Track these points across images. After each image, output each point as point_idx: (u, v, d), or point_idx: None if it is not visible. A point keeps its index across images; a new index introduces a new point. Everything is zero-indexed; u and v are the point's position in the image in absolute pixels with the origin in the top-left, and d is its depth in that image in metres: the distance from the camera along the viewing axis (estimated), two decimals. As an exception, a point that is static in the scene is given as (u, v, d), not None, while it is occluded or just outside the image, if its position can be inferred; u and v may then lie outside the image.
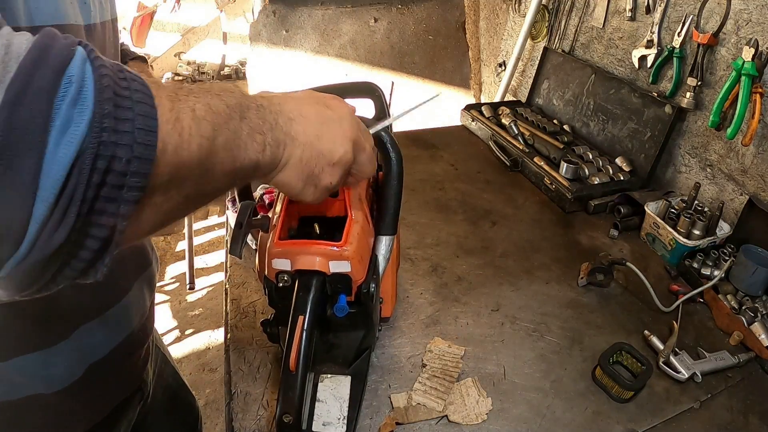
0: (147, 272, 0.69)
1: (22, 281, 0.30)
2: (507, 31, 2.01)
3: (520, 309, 0.91)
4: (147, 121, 0.30)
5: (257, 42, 2.17)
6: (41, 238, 0.27)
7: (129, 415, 0.71)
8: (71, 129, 0.27)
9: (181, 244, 2.55)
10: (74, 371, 0.57)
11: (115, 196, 0.29)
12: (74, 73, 0.28)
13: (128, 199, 0.30)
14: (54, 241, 0.28)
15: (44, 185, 0.26)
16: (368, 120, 0.60)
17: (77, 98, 0.27)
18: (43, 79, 0.27)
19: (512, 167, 1.38)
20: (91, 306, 0.58)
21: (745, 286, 0.95)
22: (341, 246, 0.58)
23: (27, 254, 0.28)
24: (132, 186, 0.29)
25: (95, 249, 0.30)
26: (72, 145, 0.27)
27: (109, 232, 0.30)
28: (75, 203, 0.28)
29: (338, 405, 0.66)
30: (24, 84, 0.26)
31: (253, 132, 0.39)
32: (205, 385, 1.93)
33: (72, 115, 0.27)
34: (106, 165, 0.28)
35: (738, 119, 1.00)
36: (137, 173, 0.29)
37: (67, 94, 0.27)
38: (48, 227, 0.27)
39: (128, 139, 0.29)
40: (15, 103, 0.25)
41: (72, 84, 0.27)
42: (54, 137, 0.26)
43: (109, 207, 0.29)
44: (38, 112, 0.26)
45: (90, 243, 0.30)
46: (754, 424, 0.73)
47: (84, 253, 0.30)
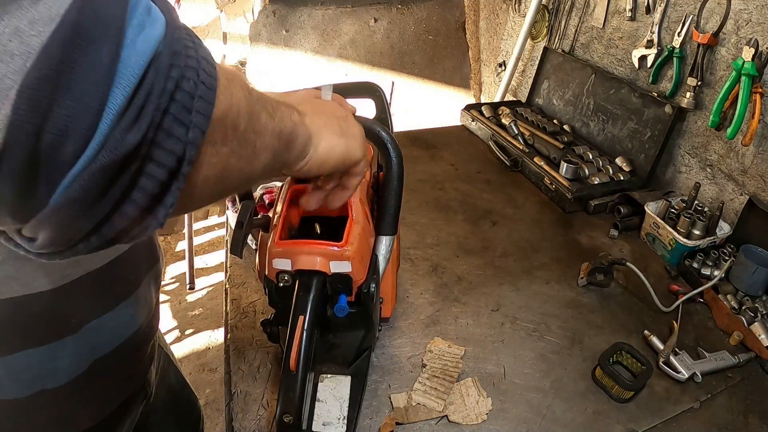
0: (155, 268, 0.69)
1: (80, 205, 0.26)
2: (507, 31, 2.01)
3: (520, 309, 0.91)
4: (207, 55, 0.30)
5: (257, 42, 2.18)
6: (114, 134, 0.25)
7: (132, 414, 0.71)
8: (147, 30, 0.26)
9: (181, 244, 2.55)
10: (79, 366, 0.57)
11: (184, 118, 0.28)
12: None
13: (197, 124, 0.29)
14: (127, 141, 0.26)
15: (122, 73, 0.25)
16: (368, 121, 0.60)
17: (149, 10, 0.27)
18: None
19: (512, 167, 1.38)
20: (103, 300, 0.58)
21: (745, 286, 0.95)
22: (342, 246, 0.58)
23: (96, 154, 0.25)
24: (200, 111, 0.29)
25: (160, 179, 0.28)
26: (150, 42, 0.26)
27: (175, 162, 0.28)
28: (152, 102, 0.26)
29: (338, 405, 0.66)
30: None
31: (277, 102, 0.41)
32: (205, 385, 1.94)
33: (145, 21, 0.27)
34: (178, 77, 0.27)
35: (738, 119, 1.00)
36: (204, 99, 0.29)
37: (140, 2, 0.27)
38: (123, 122, 0.25)
39: (195, 63, 0.29)
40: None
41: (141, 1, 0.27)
42: (131, 31, 0.26)
43: (177, 130, 0.28)
44: (117, 4, 0.25)
45: (155, 171, 0.28)
46: (754, 424, 0.73)
47: (147, 182, 0.28)
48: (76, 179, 0.25)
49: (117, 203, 0.28)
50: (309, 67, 2.27)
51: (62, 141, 0.24)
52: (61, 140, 0.24)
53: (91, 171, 0.25)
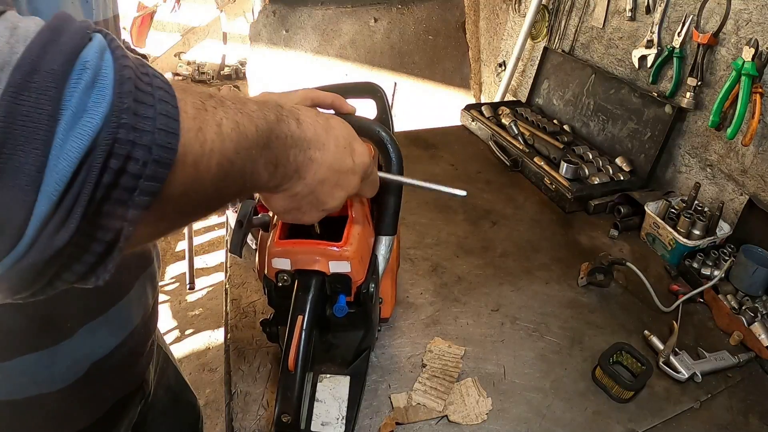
0: (149, 270, 0.69)
1: (18, 283, 0.27)
2: (507, 31, 2.01)
3: (520, 309, 0.91)
4: (169, 123, 0.28)
5: (257, 42, 2.18)
6: (41, 239, 0.25)
7: (130, 414, 0.71)
8: (83, 120, 0.25)
9: (181, 244, 2.55)
10: (77, 370, 0.57)
11: (126, 199, 0.27)
12: (90, 59, 0.25)
13: (139, 203, 0.27)
14: (55, 243, 0.26)
15: (48, 181, 0.24)
16: (370, 123, 0.60)
17: (92, 86, 0.25)
18: (53, 62, 0.24)
19: (512, 167, 1.37)
20: (95, 305, 0.58)
21: (745, 286, 0.95)
22: (341, 246, 0.58)
23: (24, 254, 0.25)
24: (145, 190, 0.27)
25: (99, 253, 0.28)
26: (83, 139, 0.25)
27: (114, 236, 0.28)
28: (81, 204, 0.25)
29: (337, 405, 0.66)
30: (32, 67, 0.23)
31: (268, 164, 0.38)
32: (205, 385, 1.93)
33: (86, 105, 0.25)
34: (120, 165, 0.26)
35: (738, 119, 1.00)
36: (153, 177, 0.27)
37: (81, 81, 0.25)
38: (49, 227, 0.25)
39: (148, 140, 0.26)
40: (21, 88, 0.23)
41: (87, 70, 0.25)
42: (63, 128, 0.24)
43: (117, 210, 0.27)
44: (47, 98, 0.24)
45: (94, 247, 0.28)
46: (754, 424, 0.73)
47: (87, 257, 0.28)
48: (9, 269, 0.26)
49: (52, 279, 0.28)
50: (309, 67, 2.27)
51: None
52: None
53: (21, 266, 0.26)
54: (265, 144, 0.37)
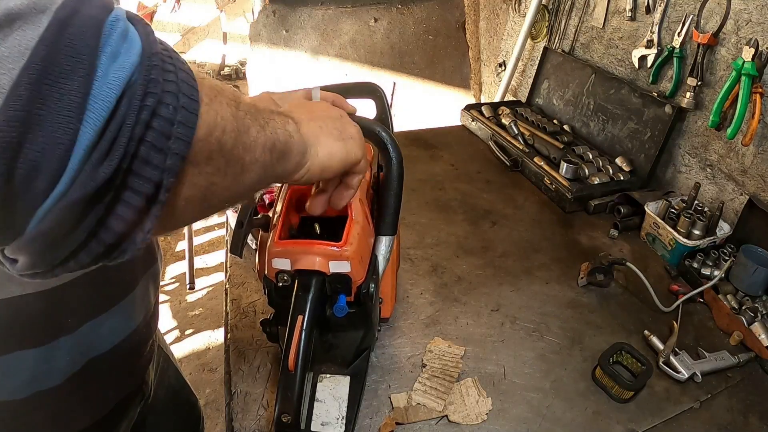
0: (153, 269, 0.69)
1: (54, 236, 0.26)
2: (507, 31, 2.01)
3: (520, 309, 0.91)
4: (188, 76, 0.29)
5: (257, 42, 2.18)
6: (85, 170, 0.25)
7: (129, 415, 0.71)
8: (121, 58, 0.26)
9: (181, 244, 2.55)
10: (73, 365, 0.57)
11: (162, 145, 0.27)
12: (119, 15, 0.27)
13: (176, 150, 0.28)
14: (99, 176, 0.25)
15: (93, 107, 0.25)
16: (368, 121, 0.60)
17: (125, 35, 0.26)
18: (91, 9, 0.25)
19: (512, 167, 1.38)
20: (98, 301, 0.58)
21: (745, 286, 0.95)
22: (341, 246, 0.58)
23: (67, 189, 0.25)
24: (179, 136, 0.28)
25: (137, 206, 0.28)
26: (123, 71, 0.26)
27: (153, 188, 0.28)
28: (124, 134, 0.26)
29: (337, 405, 0.66)
30: (73, 9, 0.25)
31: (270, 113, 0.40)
32: (205, 385, 1.94)
33: (120, 48, 0.26)
34: (155, 105, 0.27)
35: (738, 119, 1.00)
36: (184, 123, 0.28)
37: (116, 28, 0.26)
38: (93, 157, 0.25)
39: (174, 88, 0.28)
40: (64, 23, 0.24)
41: (119, 20, 0.27)
42: (104, 62, 0.25)
43: (155, 157, 0.27)
44: (89, 34, 0.25)
45: (132, 198, 0.27)
46: (754, 424, 0.73)
47: (124, 209, 0.27)
48: (48, 212, 0.25)
49: (92, 232, 0.28)
50: (309, 67, 2.27)
51: (33, 177, 0.24)
52: (32, 176, 0.24)
53: (62, 205, 0.25)
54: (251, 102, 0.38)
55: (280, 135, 0.40)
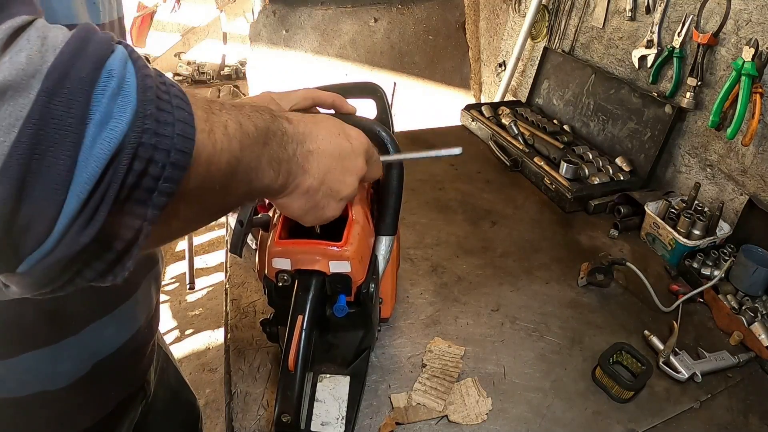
0: (155, 270, 0.69)
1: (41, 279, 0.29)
2: (507, 31, 2.01)
3: (520, 309, 0.91)
4: (186, 129, 0.29)
5: (257, 42, 2.17)
6: (69, 235, 0.27)
7: (131, 414, 0.71)
8: (111, 124, 0.26)
9: (181, 244, 2.55)
10: (80, 368, 0.57)
11: (146, 199, 0.29)
12: (115, 68, 0.27)
13: (157, 204, 0.29)
14: (81, 240, 0.27)
15: (78, 180, 0.26)
16: (370, 123, 0.60)
17: (118, 93, 0.27)
18: (82, 70, 0.26)
19: (512, 167, 1.38)
20: (102, 303, 0.58)
21: (745, 286, 0.95)
22: (341, 246, 0.58)
23: (52, 250, 0.27)
24: (163, 191, 0.29)
25: (119, 251, 0.30)
26: (111, 142, 0.26)
27: (134, 235, 0.29)
28: (107, 203, 0.27)
29: (337, 405, 0.66)
30: (62, 74, 0.25)
31: (271, 160, 0.40)
32: (205, 385, 1.93)
33: (112, 110, 0.26)
34: (143, 168, 0.28)
35: (738, 119, 1.00)
36: (170, 179, 0.29)
37: (108, 88, 0.26)
38: (77, 225, 0.27)
39: (167, 144, 0.28)
40: (53, 93, 0.24)
41: (113, 78, 0.27)
42: (92, 131, 0.26)
43: (138, 210, 0.29)
44: (77, 103, 0.25)
45: (115, 245, 0.29)
46: (754, 424, 0.73)
47: (108, 255, 0.30)
48: (36, 264, 0.27)
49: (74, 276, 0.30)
50: (309, 67, 2.27)
51: (24, 235, 0.26)
52: (24, 234, 0.26)
53: (47, 262, 0.27)
54: (265, 141, 0.39)
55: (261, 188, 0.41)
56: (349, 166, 0.49)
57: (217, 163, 0.33)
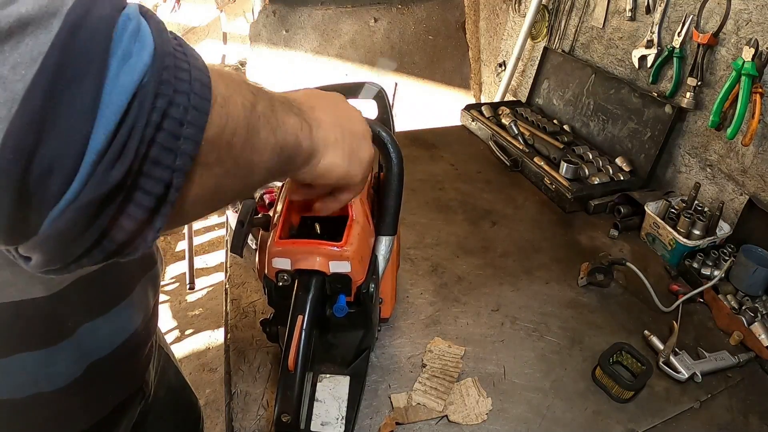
0: (152, 272, 0.69)
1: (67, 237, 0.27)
2: (507, 31, 2.01)
3: (520, 309, 0.91)
4: (202, 75, 0.29)
5: (257, 42, 2.17)
6: (97, 172, 0.25)
7: (129, 415, 0.71)
8: (132, 59, 0.26)
9: (181, 244, 2.55)
10: (75, 369, 0.57)
11: (172, 146, 0.28)
12: (131, 14, 0.27)
13: (185, 151, 0.28)
14: (111, 178, 0.26)
15: (104, 111, 0.25)
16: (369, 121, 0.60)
17: (137, 34, 0.27)
18: (102, 9, 0.25)
19: (512, 167, 1.38)
20: (95, 304, 0.58)
21: (745, 286, 0.95)
22: (341, 246, 0.58)
23: (80, 191, 0.25)
24: (188, 137, 0.28)
25: (148, 206, 0.28)
26: (134, 74, 0.26)
27: (163, 189, 0.28)
28: (135, 137, 0.26)
29: (337, 405, 0.66)
30: (84, 11, 0.25)
31: (286, 111, 0.40)
32: (205, 385, 1.94)
33: (132, 49, 0.26)
34: (165, 107, 0.27)
35: (738, 119, 1.00)
36: (193, 124, 0.28)
37: (127, 28, 0.26)
38: (105, 160, 0.26)
39: (186, 87, 0.28)
40: (76, 26, 0.24)
41: (131, 20, 0.27)
42: (115, 64, 0.25)
43: (165, 158, 0.28)
44: (100, 36, 0.25)
45: (143, 199, 0.28)
46: (754, 424, 0.73)
47: (135, 209, 0.28)
48: (62, 213, 0.26)
49: (105, 231, 0.28)
50: (309, 67, 2.27)
51: (47, 179, 0.25)
52: (46, 178, 0.25)
53: (75, 206, 0.26)
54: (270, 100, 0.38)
55: (290, 140, 0.40)
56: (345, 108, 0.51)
57: (234, 105, 0.32)
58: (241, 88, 0.34)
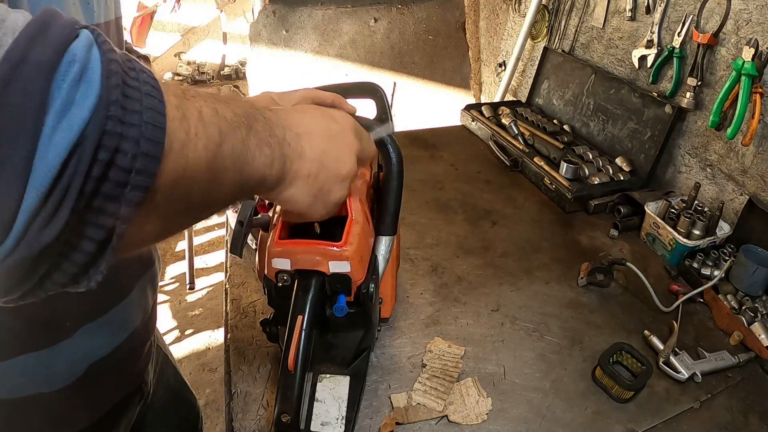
0: (150, 272, 0.69)
1: (6, 283, 0.27)
2: (507, 31, 2.01)
3: (520, 309, 0.90)
4: (155, 116, 0.28)
5: (257, 42, 2.17)
6: (30, 232, 0.25)
7: (129, 415, 0.71)
8: (72, 112, 0.24)
9: (181, 244, 2.55)
10: (75, 370, 0.57)
11: (117, 194, 0.27)
12: (78, 53, 0.25)
13: (131, 199, 0.27)
14: (44, 238, 0.25)
15: (37, 172, 0.24)
16: (369, 122, 0.60)
17: (81, 79, 0.25)
18: (42, 54, 0.24)
19: (512, 167, 1.37)
20: (94, 306, 0.58)
21: (745, 286, 0.95)
22: (341, 246, 0.58)
23: (13, 249, 0.25)
24: (136, 185, 0.27)
25: (90, 252, 0.28)
26: (72, 130, 0.24)
27: (106, 234, 0.27)
28: (70, 196, 0.25)
29: (337, 405, 0.66)
30: (20, 59, 0.23)
31: (261, 144, 0.38)
32: (205, 385, 1.93)
33: (74, 97, 0.25)
34: (109, 158, 0.26)
35: (738, 119, 1.00)
36: (142, 171, 0.27)
37: (69, 73, 0.25)
38: (38, 220, 0.25)
39: (135, 133, 0.26)
40: (9, 79, 0.23)
41: (75, 63, 0.25)
42: (52, 119, 0.24)
43: (109, 206, 0.27)
44: (35, 89, 0.23)
45: (85, 245, 0.27)
46: (754, 424, 0.73)
47: (77, 255, 0.27)
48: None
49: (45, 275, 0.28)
50: (309, 67, 2.27)
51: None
52: None
53: (10, 261, 0.25)
54: (248, 125, 0.36)
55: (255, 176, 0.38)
56: (342, 143, 0.47)
57: (194, 149, 0.30)
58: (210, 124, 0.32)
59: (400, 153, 0.62)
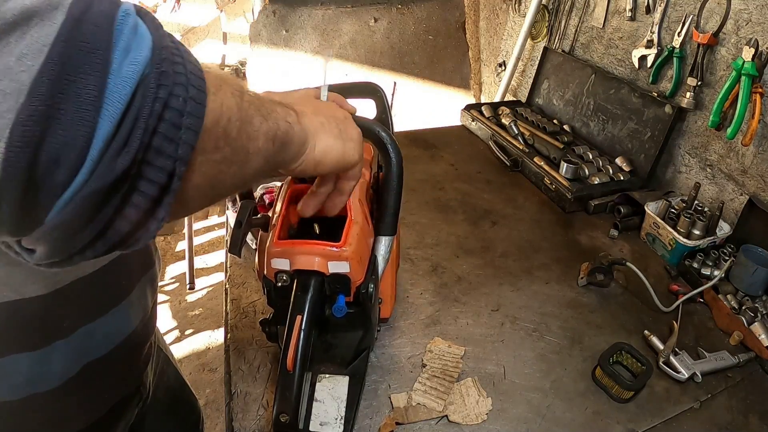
0: (150, 272, 0.69)
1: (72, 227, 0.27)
2: (507, 31, 2.01)
3: (520, 309, 0.90)
4: (195, 67, 0.30)
5: (257, 42, 2.17)
6: (103, 161, 0.26)
7: (127, 416, 0.71)
8: (133, 52, 0.27)
9: (181, 244, 2.55)
10: (71, 369, 0.57)
11: (173, 136, 0.28)
12: (129, 10, 0.28)
13: (186, 140, 0.29)
14: (117, 166, 0.27)
15: (109, 101, 0.26)
16: (369, 122, 0.60)
17: (135, 30, 0.27)
18: (102, 5, 0.26)
19: (512, 167, 1.37)
20: (94, 305, 0.58)
21: (745, 286, 0.95)
22: (340, 246, 0.58)
23: (86, 181, 0.26)
24: (189, 127, 0.29)
25: (151, 196, 0.29)
26: (137, 65, 0.27)
27: (166, 178, 0.29)
28: (139, 126, 0.27)
29: (336, 405, 0.66)
30: (85, 6, 0.26)
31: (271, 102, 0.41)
32: (205, 385, 1.93)
33: (132, 43, 0.27)
34: (166, 97, 0.28)
35: (738, 119, 0.99)
36: (193, 114, 0.29)
37: (127, 23, 0.27)
38: (111, 149, 0.26)
39: (183, 80, 0.29)
40: (79, 19, 0.25)
41: (129, 16, 0.27)
42: (118, 56, 0.26)
43: (167, 147, 0.28)
44: (102, 29, 0.26)
45: (146, 187, 0.29)
46: (754, 424, 0.73)
47: (139, 198, 0.29)
48: (69, 202, 0.26)
49: (109, 221, 0.29)
50: (309, 67, 2.27)
51: (54, 169, 0.25)
52: (53, 169, 0.25)
53: (82, 195, 0.26)
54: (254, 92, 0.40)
55: (281, 125, 0.41)
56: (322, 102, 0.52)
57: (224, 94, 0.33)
58: (228, 80, 0.35)
59: (400, 153, 0.62)
